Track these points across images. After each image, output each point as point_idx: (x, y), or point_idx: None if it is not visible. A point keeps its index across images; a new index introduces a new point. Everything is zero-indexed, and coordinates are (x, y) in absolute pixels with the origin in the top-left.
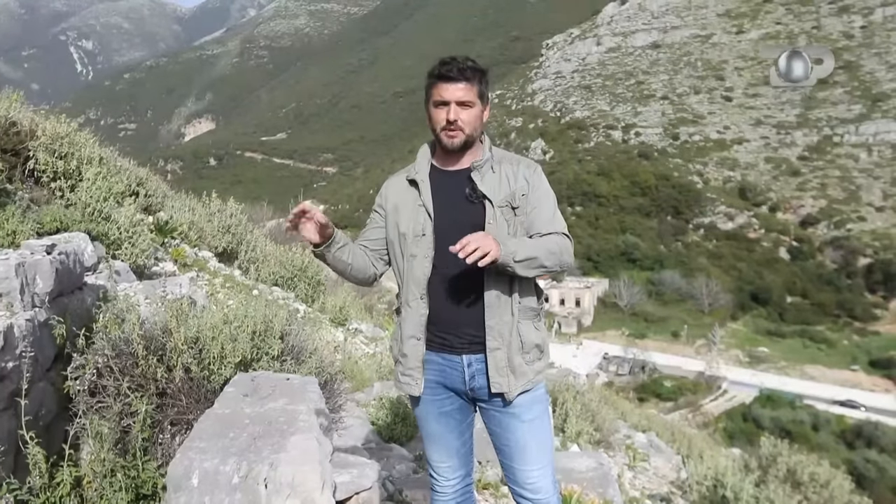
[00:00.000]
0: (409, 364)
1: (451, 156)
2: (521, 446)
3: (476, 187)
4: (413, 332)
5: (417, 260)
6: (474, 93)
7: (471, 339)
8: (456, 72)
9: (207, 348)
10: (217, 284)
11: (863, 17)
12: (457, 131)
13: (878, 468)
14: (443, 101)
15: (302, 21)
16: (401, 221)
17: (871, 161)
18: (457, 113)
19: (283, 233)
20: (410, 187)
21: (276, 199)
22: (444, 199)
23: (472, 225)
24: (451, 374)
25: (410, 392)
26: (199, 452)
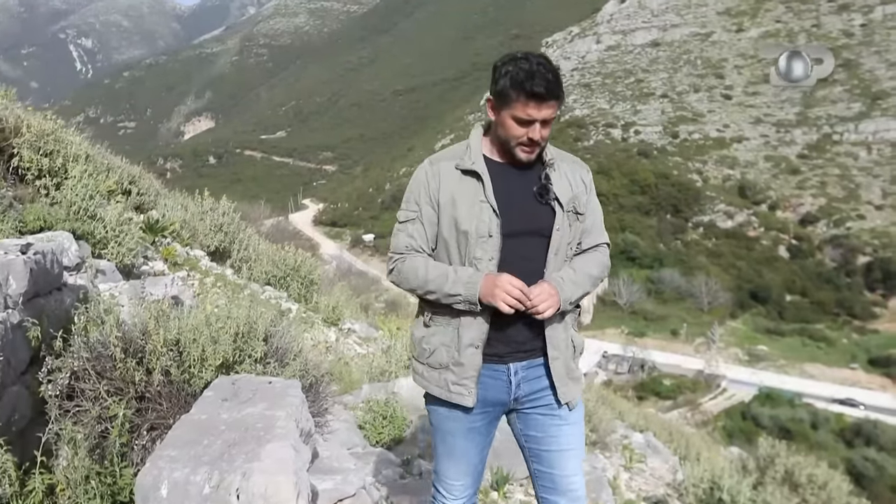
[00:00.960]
0: (465, 374)
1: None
2: (563, 450)
3: (550, 188)
4: (473, 340)
5: (482, 264)
6: (557, 108)
7: (518, 347)
8: (546, 90)
9: (188, 351)
10: (208, 284)
11: (863, 15)
12: (535, 147)
13: (878, 467)
14: (529, 120)
15: (302, 19)
16: (460, 218)
17: (870, 159)
18: (541, 132)
19: (280, 231)
20: (466, 178)
21: (275, 198)
22: (508, 197)
23: (541, 228)
24: (493, 385)
25: (463, 402)
26: (169, 461)
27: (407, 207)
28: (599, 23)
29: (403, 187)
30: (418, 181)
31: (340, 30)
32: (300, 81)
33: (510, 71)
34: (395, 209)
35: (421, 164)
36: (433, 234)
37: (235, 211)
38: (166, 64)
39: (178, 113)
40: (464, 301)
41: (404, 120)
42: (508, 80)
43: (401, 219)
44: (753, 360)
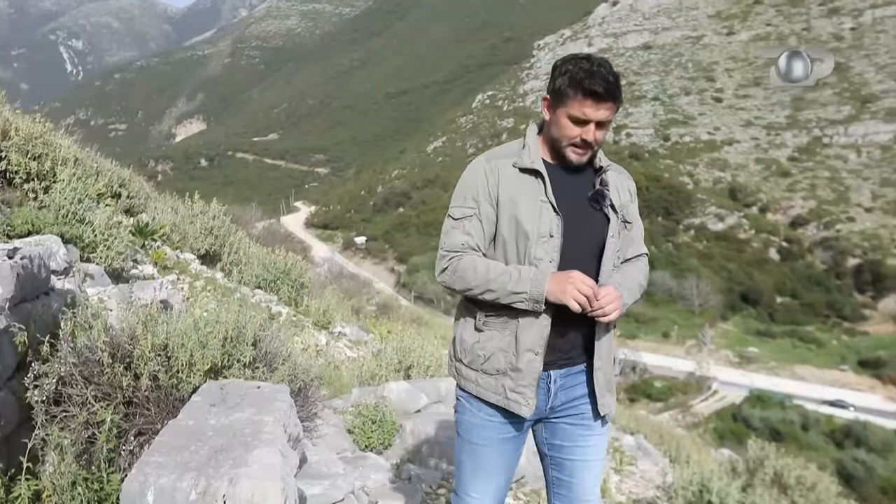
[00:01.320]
0: (523, 381)
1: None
2: (588, 461)
3: (606, 194)
4: (533, 345)
5: (542, 265)
6: (614, 112)
7: (561, 355)
8: (605, 90)
9: (176, 355)
10: (198, 287)
11: (853, 18)
12: (588, 150)
13: (867, 468)
14: (585, 119)
15: (293, 21)
16: (522, 217)
17: (860, 162)
18: (595, 134)
19: (271, 234)
20: (525, 176)
21: (267, 200)
22: (566, 199)
23: (596, 233)
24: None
25: (520, 412)
26: (156, 467)
27: (463, 204)
28: (591, 25)
29: (396, 189)
30: (476, 178)
31: (332, 32)
32: (292, 84)
33: (570, 70)
34: (386, 212)
35: (475, 161)
36: (491, 232)
37: (226, 214)
38: (157, 66)
39: (170, 115)
40: (529, 299)
41: (396, 122)
42: (567, 79)
43: (455, 215)
44: (744, 362)
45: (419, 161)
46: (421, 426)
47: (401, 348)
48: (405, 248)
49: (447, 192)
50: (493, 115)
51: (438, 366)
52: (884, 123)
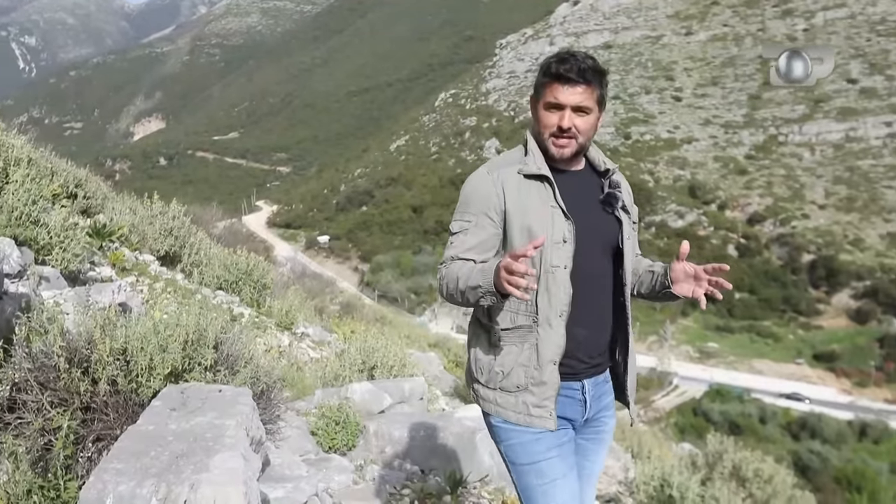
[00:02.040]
0: (546, 393)
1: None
2: (594, 469)
3: (618, 195)
4: (553, 355)
5: (560, 271)
6: (594, 98)
7: (591, 361)
8: (576, 73)
9: (135, 359)
10: (158, 289)
11: (805, 20)
12: (569, 140)
13: (822, 459)
14: (557, 104)
15: (254, 19)
16: (534, 225)
17: (813, 160)
18: (571, 120)
19: (233, 234)
20: (532, 183)
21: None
22: (574, 203)
23: (609, 237)
24: (569, 403)
25: (546, 426)
26: (115, 474)
27: (461, 218)
28: (552, 25)
29: (359, 188)
30: (479, 192)
31: (294, 30)
32: (253, 82)
33: (546, 62)
34: (349, 210)
35: (475, 173)
36: (493, 241)
37: (186, 214)
38: (114, 63)
39: (127, 113)
40: (485, 292)
41: (358, 121)
42: (541, 70)
43: (454, 230)
44: (704, 357)
45: (382, 159)
46: (385, 427)
47: (364, 348)
48: (368, 247)
49: (410, 191)
50: (456, 113)
51: (402, 366)
52: (836, 123)
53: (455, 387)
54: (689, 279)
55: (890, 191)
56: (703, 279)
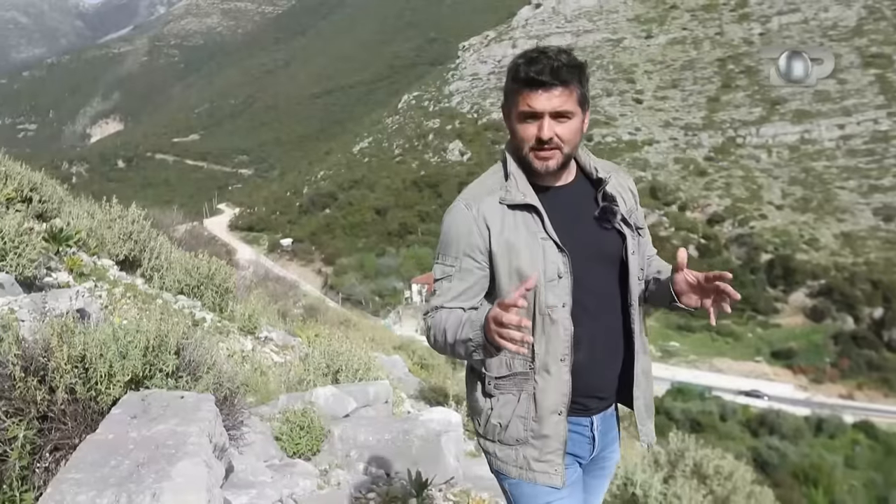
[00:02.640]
0: (550, 447)
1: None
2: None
3: (616, 209)
4: (556, 406)
5: (557, 311)
6: (574, 99)
7: (602, 395)
8: (549, 74)
9: (94, 367)
10: (117, 294)
11: (761, 24)
12: (552, 151)
13: (780, 454)
14: (532, 112)
15: (214, 20)
16: (523, 264)
17: (770, 161)
18: (551, 129)
19: (194, 237)
20: (517, 213)
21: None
22: (567, 225)
23: (611, 256)
24: (578, 440)
25: (550, 482)
26: (73, 485)
27: (443, 262)
28: (515, 27)
29: (322, 190)
30: (459, 231)
31: (255, 31)
32: (214, 83)
33: (513, 64)
34: (313, 213)
35: (454, 206)
36: (480, 284)
37: (146, 218)
38: (70, 63)
39: (84, 115)
40: (476, 346)
41: (321, 123)
42: (510, 75)
43: (436, 275)
44: (666, 356)
45: (345, 162)
46: (350, 431)
47: (329, 352)
48: (332, 250)
49: (373, 193)
50: (420, 115)
51: (367, 369)
52: (791, 125)
53: (420, 389)
54: (695, 289)
55: (843, 191)
56: (708, 289)
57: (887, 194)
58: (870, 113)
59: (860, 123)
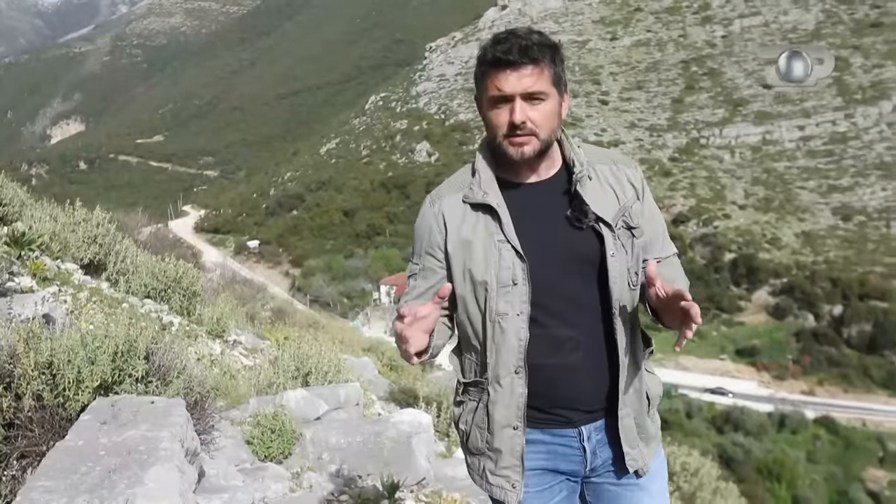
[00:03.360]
0: (504, 462)
1: (526, 163)
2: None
3: (587, 208)
4: (508, 419)
5: (509, 320)
6: (546, 79)
7: (587, 406)
8: (517, 52)
9: (62, 373)
10: (82, 299)
11: (723, 27)
12: (527, 137)
13: (745, 450)
14: (502, 95)
15: (178, 19)
16: (475, 266)
17: (733, 162)
18: (524, 112)
19: (159, 240)
20: (477, 213)
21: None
22: (531, 227)
23: (586, 259)
24: (564, 453)
25: (505, 499)
26: (43, 492)
27: (412, 259)
28: (481, 28)
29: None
30: (422, 228)
31: (219, 31)
32: (178, 84)
33: (482, 48)
34: (280, 215)
35: (423, 202)
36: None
37: (111, 221)
38: (29, 63)
39: (44, 115)
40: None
41: (288, 123)
42: (478, 59)
43: (408, 272)
44: None
45: (312, 163)
46: (321, 434)
47: (298, 355)
48: (299, 252)
49: (341, 195)
50: (387, 116)
51: (337, 371)
52: (753, 126)
53: (390, 391)
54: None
55: (803, 191)
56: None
57: (845, 194)
58: (828, 115)
59: (819, 125)
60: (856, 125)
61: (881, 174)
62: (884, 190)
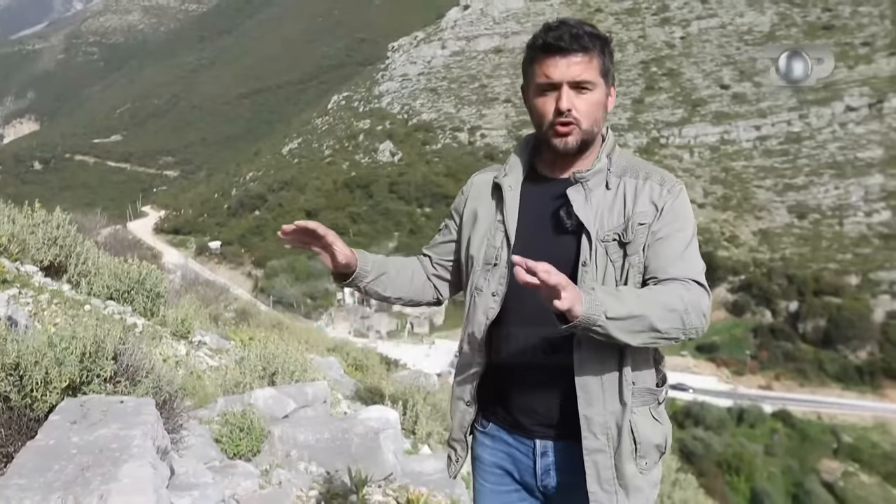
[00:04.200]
0: (454, 434)
1: (561, 159)
2: None
3: (571, 209)
4: (462, 393)
5: (482, 297)
6: (595, 69)
7: (542, 419)
8: (568, 39)
9: (29, 374)
10: (43, 301)
11: (682, 28)
12: (572, 126)
13: (705, 444)
14: (550, 82)
15: (135, 17)
16: (473, 239)
17: (692, 161)
18: (570, 100)
19: (118, 241)
20: (496, 193)
21: (111, 206)
22: (534, 220)
23: (558, 263)
24: (520, 461)
25: (448, 471)
26: (17, 490)
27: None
28: (444, 28)
29: (251, 192)
30: (461, 190)
31: (178, 29)
32: (136, 83)
33: (533, 37)
34: (242, 215)
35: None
36: (447, 251)
37: (72, 222)
38: None
39: None
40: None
41: (249, 123)
42: (527, 48)
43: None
44: None
45: (274, 163)
46: (290, 431)
47: (264, 354)
48: (262, 253)
49: (304, 195)
50: (350, 116)
51: (303, 371)
52: (711, 126)
53: (356, 390)
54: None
55: (760, 190)
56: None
57: (800, 193)
58: (783, 115)
59: (775, 125)
60: (810, 125)
61: (834, 173)
62: (836, 188)
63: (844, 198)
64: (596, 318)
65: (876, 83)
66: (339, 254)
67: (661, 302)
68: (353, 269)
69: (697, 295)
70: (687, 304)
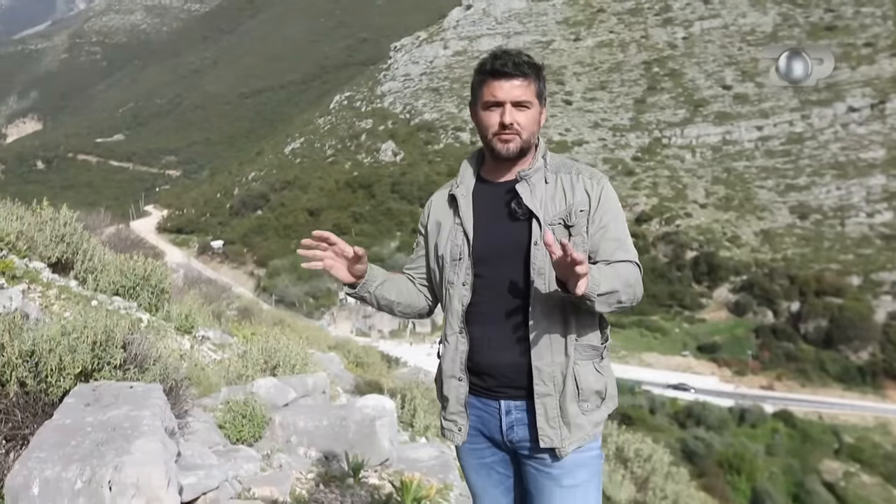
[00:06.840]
0: (451, 408)
1: (502, 165)
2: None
3: (521, 201)
4: (453, 370)
5: (455, 288)
6: (532, 91)
7: (509, 381)
8: (511, 66)
9: (44, 361)
10: (51, 296)
11: (684, 28)
12: (512, 136)
13: (706, 444)
14: (496, 101)
15: (138, 17)
16: (440, 243)
17: (694, 162)
18: (512, 115)
19: (121, 240)
20: (452, 203)
21: (114, 205)
22: (487, 217)
23: (515, 247)
24: (489, 421)
25: (453, 440)
26: (39, 462)
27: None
28: (446, 28)
29: (253, 191)
30: (423, 212)
31: (181, 29)
32: (138, 82)
33: (480, 62)
34: (244, 215)
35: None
36: (422, 263)
37: (78, 220)
38: None
39: None
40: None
41: (251, 123)
42: (476, 70)
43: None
44: None
45: (277, 162)
46: (290, 418)
47: (266, 348)
48: (264, 252)
49: (306, 194)
50: (352, 116)
51: (304, 364)
52: (713, 126)
53: (356, 385)
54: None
55: (762, 190)
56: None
57: (802, 193)
58: (785, 115)
59: (777, 125)
60: (812, 126)
61: (836, 174)
62: (838, 189)
63: (846, 198)
64: (591, 292)
65: (878, 84)
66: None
67: (625, 279)
68: (362, 275)
69: (639, 274)
70: (636, 280)
